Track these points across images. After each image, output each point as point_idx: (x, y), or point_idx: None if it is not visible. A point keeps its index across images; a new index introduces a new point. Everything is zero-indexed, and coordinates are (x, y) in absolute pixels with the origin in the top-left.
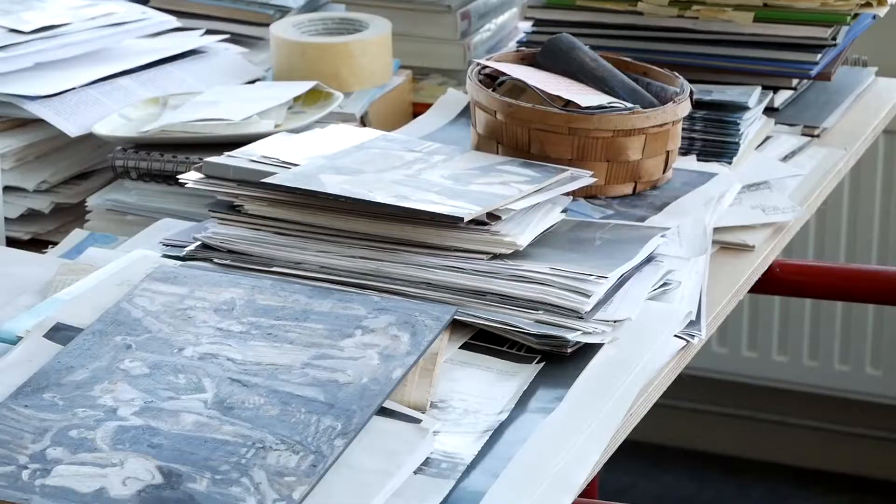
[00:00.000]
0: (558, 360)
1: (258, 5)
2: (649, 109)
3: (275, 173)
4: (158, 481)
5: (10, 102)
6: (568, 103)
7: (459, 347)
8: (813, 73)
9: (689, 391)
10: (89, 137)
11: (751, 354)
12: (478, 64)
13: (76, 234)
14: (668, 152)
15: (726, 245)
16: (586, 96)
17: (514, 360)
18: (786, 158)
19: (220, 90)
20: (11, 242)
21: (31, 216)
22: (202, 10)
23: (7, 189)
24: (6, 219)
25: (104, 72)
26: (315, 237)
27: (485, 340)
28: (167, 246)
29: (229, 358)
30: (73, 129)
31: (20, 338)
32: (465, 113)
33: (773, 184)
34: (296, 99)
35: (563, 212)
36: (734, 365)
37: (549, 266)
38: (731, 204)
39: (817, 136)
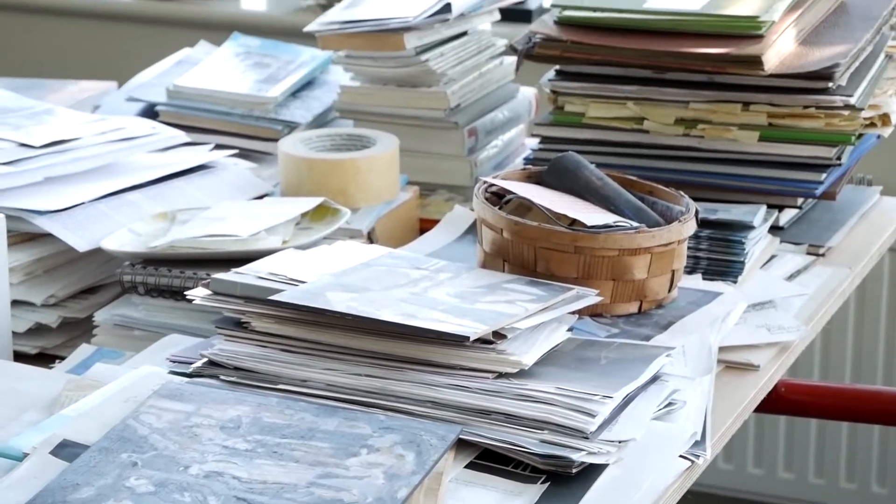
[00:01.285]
0: (563, 480)
1: (267, 121)
2: (655, 229)
3: (282, 290)
4: None
5: (19, 217)
6: (574, 222)
7: (464, 467)
8: (818, 192)
9: None
10: (98, 252)
11: (756, 471)
12: (484, 182)
13: (83, 349)
14: (673, 271)
15: (731, 364)
16: (592, 215)
17: (519, 479)
18: (791, 277)
19: (228, 205)
20: (18, 357)
21: (38, 330)
22: (211, 125)
23: (15, 303)
24: (13, 333)
25: (113, 186)
26: (321, 354)
27: (490, 460)
28: (174, 362)
29: (235, 476)
30: (81, 243)
31: (26, 454)
32: (472, 230)
33: (778, 303)
34: (303, 215)
35: (568, 330)
36: (740, 481)
37: (555, 385)
38: (736, 323)
39: (822, 255)
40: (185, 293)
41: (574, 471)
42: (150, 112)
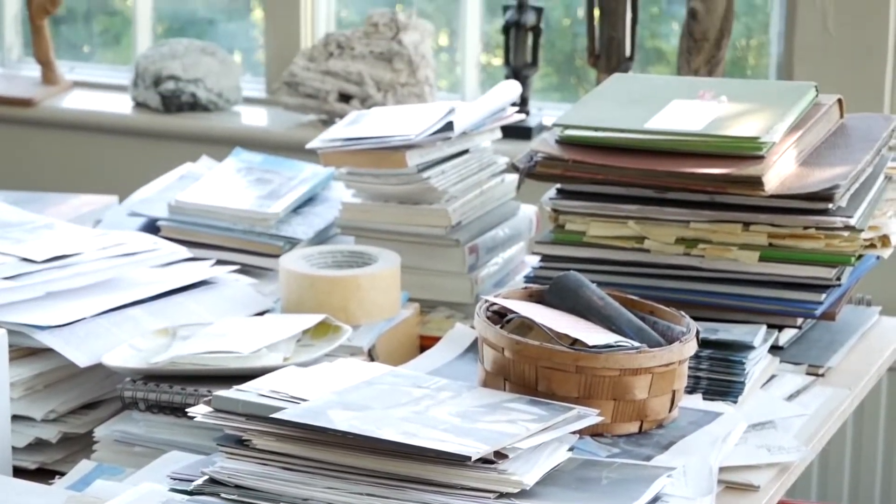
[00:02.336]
0: None
1: (268, 237)
2: (656, 349)
3: (283, 408)
4: None
5: (20, 331)
6: (575, 342)
7: None
8: (817, 312)
9: None
10: (98, 367)
11: None
12: (486, 301)
13: (83, 465)
14: (674, 391)
15: (732, 485)
16: (593, 335)
17: None
18: (791, 397)
19: (229, 322)
20: (18, 472)
21: (38, 445)
22: (213, 241)
23: (15, 418)
24: (13, 448)
25: (115, 301)
26: (323, 473)
27: None
28: (175, 479)
29: None
30: (82, 359)
31: None
32: (473, 348)
33: (778, 423)
34: (305, 332)
35: (569, 450)
36: None
37: None
38: (736, 443)
39: (822, 375)
40: (187, 410)
41: None
42: (152, 227)
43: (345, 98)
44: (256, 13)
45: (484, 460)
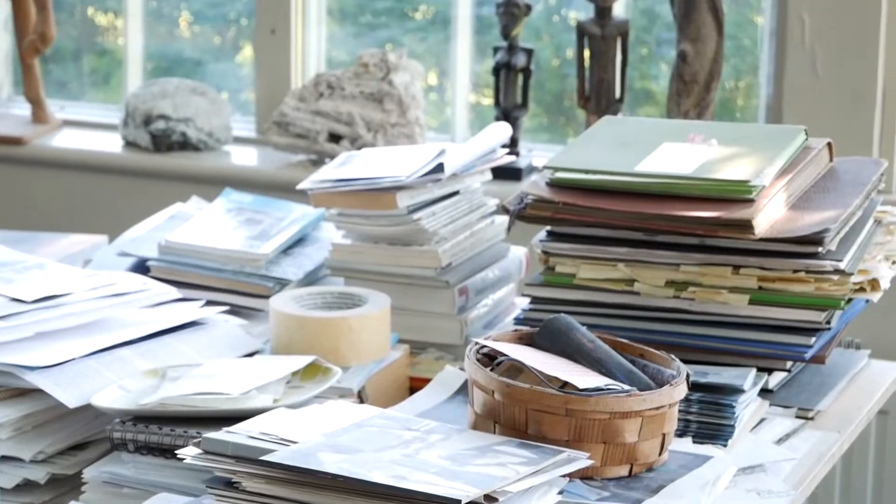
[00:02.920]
0: None
1: (258, 277)
2: (646, 392)
3: (273, 450)
4: None
5: (9, 372)
6: (565, 384)
7: None
8: (807, 356)
9: None
10: (87, 407)
11: None
12: (476, 343)
13: None
14: (664, 434)
15: None
16: (584, 378)
17: None
18: (780, 441)
19: (218, 363)
20: None
21: (26, 486)
22: (202, 281)
23: (3, 459)
24: (1, 489)
25: (104, 342)
26: None
27: None
28: None
29: None
30: (71, 400)
31: None
32: (463, 390)
33: (767, 467)
34: (294, 373)
35: (559, 493)
36: None
37: None
38: (726, 487)
39: (811, 418)
40: (176, 451)
41: None
42: (142, 267)
43: (335, 138)
44: (244, 53)
45: (474, 503)
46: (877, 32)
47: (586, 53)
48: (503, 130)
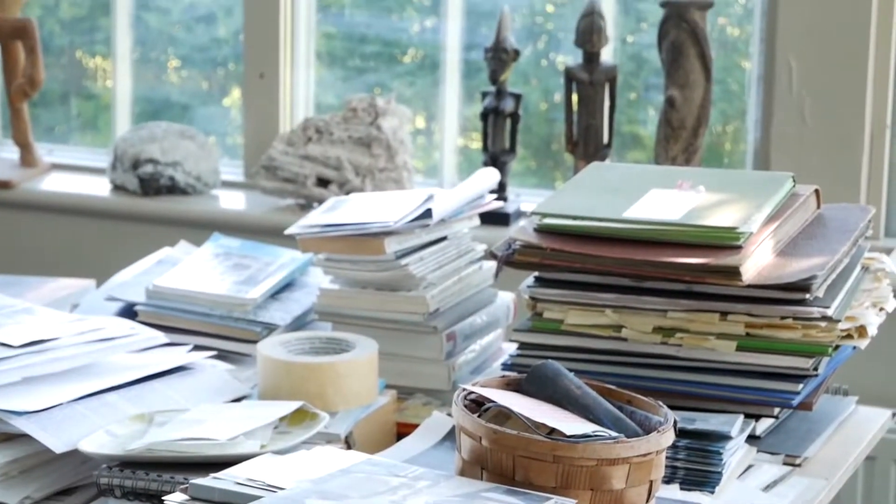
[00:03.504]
0: None
1: (245, 322)
2: (633, 439)
3: (260, 497)
4: None
5: None
6: (553, 431)
7: None
8: (794, 402)
9: None
10: (74, 453)
11: None
12: (463, 389)
13: None
14: (651, 481)
15: None
16: (571, 424)
17: None
18: (768, 488)
19: (206, 408)
20: None
21: None
22: (190, 326)
23: None
24: None
25: (92, 387)
26: None
27: None
28: None
29: None
30: (58, 445)
31: None
32: (450, 436)
33: None
34: (282, 419)
35: None
36: None
37: None
38: None
39: (799, 465)
40: (163, 497)
41: None
42: (130, 311)
43: (323, 182)
44: (232, 96)
45: None
46: (864, 78)
47: (574, 98)
48: (491, 176)
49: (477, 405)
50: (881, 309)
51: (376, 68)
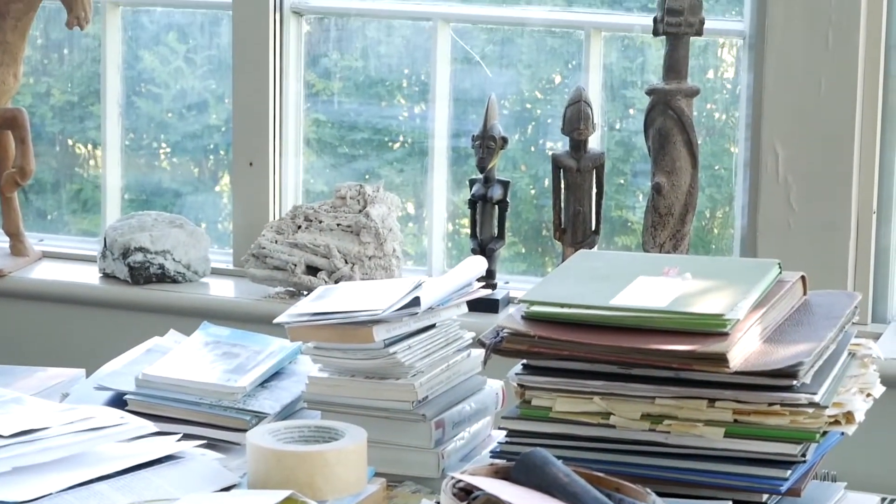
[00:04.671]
0: None
1: (235, 411)
2: None
3: None
4: None
5: None
6: None
7: None
8: (783, 488)
9: None
10: None
11: None
12: (452, 477)
13: None
14: None
15: None
16: None
17: None
18: None
19: (195, 497)
20: None
21: None
22: (180, 415)
23: None
24: None
25: (81, 477)
26: None
27: None
28: None
29: None
30: None
31: None
32: None
33: None
34: None
35: None
36: None
37: None
38: None
39: None
40: None
41: None
42: (119, 401)
43: (312, 270)
44: (223, 182)
45: None
46: (850, 164)
47: (562, 185)
48: (479, 265)
49: (466, 493)
50: (868, 395)
51: (366, 155)
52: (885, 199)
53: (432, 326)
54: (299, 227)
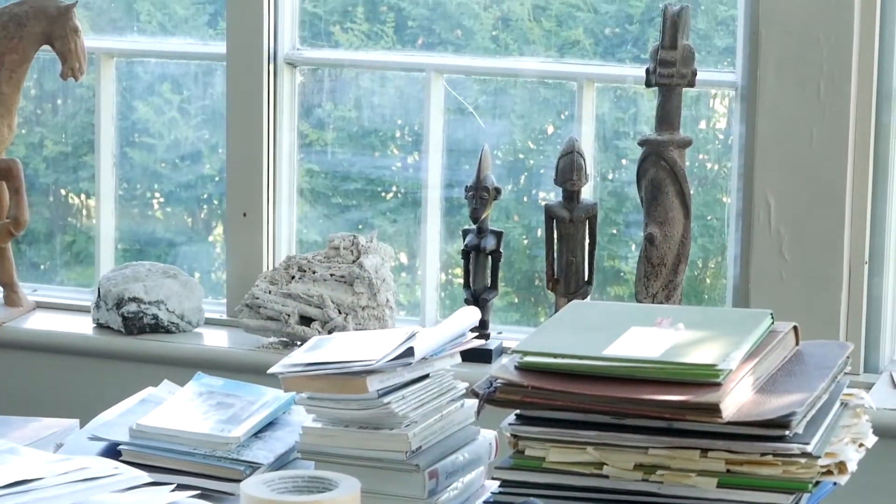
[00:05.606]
0: None
1: (229, 461)
2: None
3: None
4: None
5: None
6: None
7: None
8: None
9: None
10: None
11: None
12: None
13: None
14: None
15: None
16: None
17: None
18: None
19: None
20: None
21: None
22: (173, 465)
23: None
24: None
25: None
26: None
27: None
28: None
29: None
30: None
31: None
32: None
33: None
34: None
35: None
36: None
37: None
38: None
39: None
40: None
41: None
42: (113, 451)
43: (306, 321)
44: (216, 232)
45: None
46: (842, 215)
47: (555, 236)
48: (472, 315)
49: None
50: (861, 445)
51: (359, 205)
52: (877, 250)
53: (426, 377)
54: (293, 277)
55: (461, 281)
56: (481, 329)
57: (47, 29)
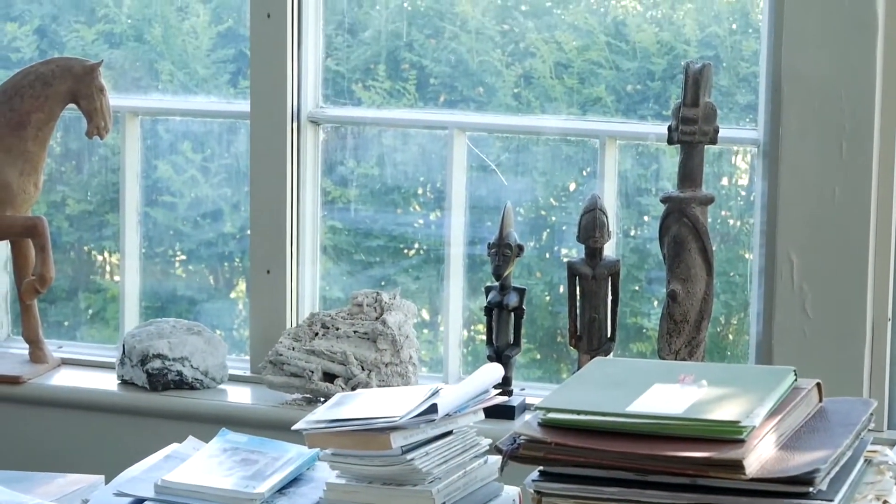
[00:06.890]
0: None
1: None
2: None
3: None
4: None
5: None
6: None
7: None
8: None
9: None
10: None
11: None
12: None
13: None
14: None
15: None
16: None
17: None
18: None
19: None
20: None
21: None
22: None
23: None
24: None
25: None
26: None
27: None
28: None
29: None
30: None
31: None
32: None
33: None
34: None
35: None
36: None
37: None
38: None
39: None
40: None
41: None
42: None
43: (329, 377)
44: (239, 289)
45: None
46: (865, 271)
47: (577, 293)
48: (495, 372)
49: None
50: (885, 502)
51: (381, 262)
52: None
53: (449, 433)
54: (316, 333)
55: (484, 337)
56: (504, 386)
57: (73, 88)
